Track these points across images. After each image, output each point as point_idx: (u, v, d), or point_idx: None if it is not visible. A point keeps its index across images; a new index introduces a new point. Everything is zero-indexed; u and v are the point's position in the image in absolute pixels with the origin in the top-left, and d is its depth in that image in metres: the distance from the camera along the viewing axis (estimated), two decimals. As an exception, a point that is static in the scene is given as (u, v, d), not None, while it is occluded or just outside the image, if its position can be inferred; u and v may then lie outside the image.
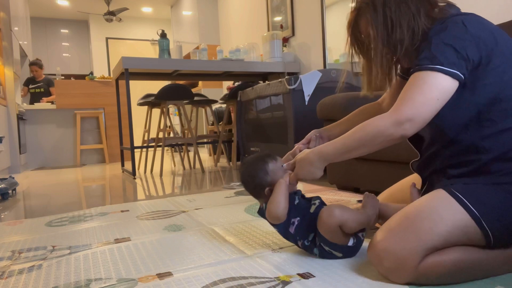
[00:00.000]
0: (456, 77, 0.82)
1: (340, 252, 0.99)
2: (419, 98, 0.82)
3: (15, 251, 1.28)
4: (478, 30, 0.83)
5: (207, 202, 1.93)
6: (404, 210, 0.86)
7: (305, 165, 0.99)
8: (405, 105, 0.83)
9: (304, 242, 1.03)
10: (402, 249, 0.79)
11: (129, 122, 3.28)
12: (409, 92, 0.84)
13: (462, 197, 0.81)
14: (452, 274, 0.80)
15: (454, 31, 0.83)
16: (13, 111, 4.17)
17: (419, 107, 0.82)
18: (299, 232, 1.02)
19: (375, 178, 1.80)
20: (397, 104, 0.85)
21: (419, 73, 0.84)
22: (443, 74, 0.81)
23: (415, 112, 0.82)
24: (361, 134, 0.88)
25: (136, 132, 7.17)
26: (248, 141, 3.35)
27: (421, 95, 0.82)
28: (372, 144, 0.87)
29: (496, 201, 0.80)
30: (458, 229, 0.79)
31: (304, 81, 2.56)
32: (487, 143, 0.84)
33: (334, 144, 0.94)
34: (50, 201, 2.32)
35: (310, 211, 1.02)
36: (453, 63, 0.81)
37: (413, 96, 0.83)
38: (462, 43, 0.82)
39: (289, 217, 1.02)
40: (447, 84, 0.82)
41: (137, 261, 1.10)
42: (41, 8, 7.37)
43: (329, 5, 3.21)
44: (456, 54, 0.81)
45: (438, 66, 0.82)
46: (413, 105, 0.82)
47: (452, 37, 0.83)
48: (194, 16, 5.88)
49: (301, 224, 1.02)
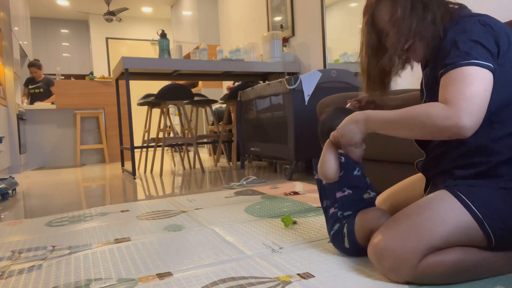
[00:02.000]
0: (491, 70, 0.80)
1: (350, 248, 0.99)
2: (468, 90, 0.77)
3: (15, 251, 1.28)
4: (496, 28, 0.83)
5: (207, 202, 1.93)
6: (405, 210, 0.86)
7: (348, 122, 0.92)
8: (457, 98, 0.76)
9: (338, 212, 1.02)
10: (402, 248, 0.79)
11: (129, 122, 3.28)
12: (453, 87, 0.78)
13: (466, 199, 0.81)
14: (452, 274, 0.80)
15: (476, 29, 0.83)
16: (13, 111, 4.17)
17: (472, 99, 0.76)
18: (342, 202, 1.01)
19: (376, 178, 1.79)
20: (448, 99, 0.78)
21: (456, 70, 0.80)
22: (481, 67, 0.79)
23: (470, 104, 0.76)
24: (413, 116, 0.81)
25: (136, 132, 7.18)
26: (248, 141, 3.35)
27: (469, 88, 0.77)
28: (419, 132, 0.81)
29: (500, 204, 0.80)
30: (459, 230, 0.79)
31: (304, 81, 2.56)
32: (497, 145, 0.83)
33: (384, 114, 0.87)
34: (50, 201, 2.32)
35: (364, 196, 1.01)
36: (486, 57, 0.80)
37: (461, 90, 0.77)
38: (486, 39, 0.81)
39: (343, 183, 1.01)
40: (488, 76, 0.79)
41: (137, 261, 1.10)
42: (41, 8, 7.36)
43: (329, 5, 3.21)
44: (485, 49, 0.80)
45: (474, 61, 0.79)
46: (465, 98, 0.76)
47: (476, 35, 0.82)
48: (194, 16, 5.88)
49: (350, 198, 1.00)
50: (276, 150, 2.82)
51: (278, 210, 1.66)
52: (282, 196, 1.97)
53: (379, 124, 0.87)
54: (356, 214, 0.98)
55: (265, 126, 3.00)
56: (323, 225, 1.37)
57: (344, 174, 1.00)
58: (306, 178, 2.66)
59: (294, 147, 2.55)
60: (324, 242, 1.17)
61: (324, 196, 1.08)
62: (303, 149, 2.56)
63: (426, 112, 0.79)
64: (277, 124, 2.78)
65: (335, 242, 1.03)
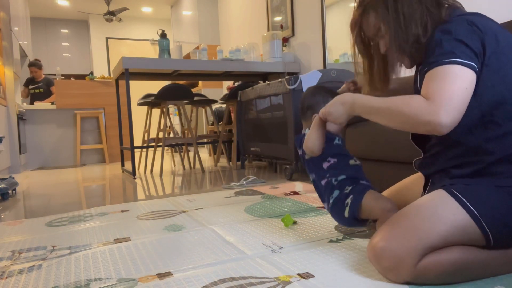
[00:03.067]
0: (474, 69, 0.80)
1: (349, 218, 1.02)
2: (449, 88, 0.78)
3: (15, 251, 1.28)
4: (483, 28, 0.83)
5: (207, 202, 1.93)
6: (404, 210, 0.86)
7: (337, 102, 0.98)
8: (437, 95, 0.78)
9: (331, 179, 1.06)
10: (401, 248, 0.79)
11: (129, 122, 3.28)
12: (435, 83, 0.80)
13: (462, 197, 0.81)
14: (451, 273, 0.80)
15: (461, 29, 0.83)
16: (13, 111, 4.17)
17: (452, 97, 0.77)
18: (331, 171, 1.07)
19: (376, 178, 1.80)
20: (429, 94, 0.79)
21: (438, 68, 0.81)
22: (463, 66, 0.79)
23: (448, 102, 0.77)
24: (395, 106, 0.84)
25: (136, 132, 7.17)
26: (248, 141, 3.35)
27: (450, 85, 0.78)
28: (397, 122, 0.84)
29: (496, 202, 0.80)
30: (457, 229, 0.79)
31: (304, 81, 2.56)
32: (491, 145, 0.84)
33: (370, 100, 0.90)
34: (50, 201, 2.32)
35: (350, 163, 1.08)
36: (469, 57, 0.80)
37: (442, 87, 0.78)
38: (471, 39, 0.81)
39: (326, 153, 1.07)
40: (470, 75, 0.80)
41: (137, 261, 1.10)
42: (41, 8, 7.36)
43: (329, 5, 3.21)
44: (468, 49, 0.81)
45: (457, 59, 0.80)
46: (445, 96, 0.77)
47: (461, 34, 0.82)
48: (194, 16, 5.88)
49: (337, 165, 1.07)
50: (276, 150, 2.82)
51: (278, 210, 1.66)
52: (282, 196, 1.97)
53: (364, 109, 0.92)
54: (350, 179, 1.04)
55: (265, 126, 2.99)
56: (323, 225, 1.37)
57: (326, 145, 1.07)
58: (306, 178, 2.66)
59: (294, 147, 2.55)
60: (324, 242, 1.17)
61: (310, 170, 1.14)
62: (303, 149, 2.56)
63: (407, 104, 0.81)
64: (277, 124, 2.78)
65: (334, 209, 1.06)
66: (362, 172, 1.10)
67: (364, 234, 1.23)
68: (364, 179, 1.08)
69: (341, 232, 1.27)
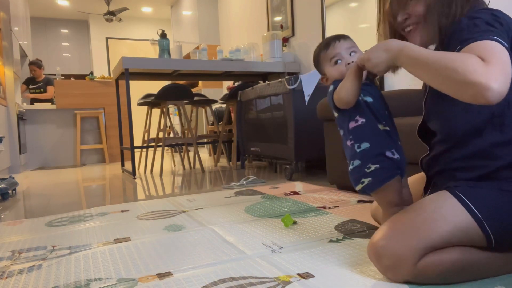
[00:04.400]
0: (509, 51, 0.74)
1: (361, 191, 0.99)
2: (503, 56, 0.70)
3: (15, 251, 1.28)
4: (506, 25, 0.80)
5: (207, 202, 1.93)
6: (406, 210, 0.86)
7: (380, 48, 0.86)
8: (494, 58, 0.69)
9: (355, 145, 0.97)
10: (401, 246, 0.79)
11: (129, 122, 3.28)
12: (486, 50, 0.71)
13: (466, 199, 0.80)
14: (451, 273, 0.80)
15: (490, 18, 0.79)
16: (13, 111, 4.17)
17: (507, 65, 0.69)
18: (356, 134, 0.97)
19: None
20: (484, 57, 0.70)
21: (478, 43, 0.73)
22: (502, 46, 0.72)
23: (506, 70, 0.68)
24: (448, 60, 0.72)
25: (136, 132, 7.17)
26: (248, 141, 3.35)
27: (501, 54, 0.70)
28: (445, 79, 0.72)
29: (500, 205, 0.80)
30: (459, 230, 0.79)
31: (304, 81, 2.56)
32: (499, 150, 0.82)
33: (420, 51, 0.79)
34: (50, 201, 2.32)
35: (379, 127, 0.96)
36: (504, 39, 0.75)
37: (495, 52, 0.70)
38: (500, 28, 0.78)
39: (354, 112, 0.96)
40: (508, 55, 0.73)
41: (137, 261, 1.10)
42: (41, 8, 7.36)
43: (329, 5, 3.21)
44: (502, 32, 0.76)
45: (496, 37, 0.73)
46: (501, 61, 0.69)
47: (490, 21, 0.78)
48: (194, 16, 5.88)
49: (364, 128, 0.96)
50: (276, 150, 2.82)
51: (278, 210, 1.66)
52: (282, 196, 1.97)
53: (411, 60, 0.79)
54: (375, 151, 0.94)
55: (265, 126, 2.99)
56: (323, 225, 1.37)
57: (358, 103, 0.95)
58: (306, 178, 2.66)
59: (294, 147, 2.55)
60: (324, 242, 1.17)
61: (339, 126, 1.05)
62: (303, 149, 2.56)
63: (461, 60, 0.70)
64: (277, 124, 2.78)
65: (351, 174, 1.00)
66: (391, 139, 0.97)
67: (364, 234, 1.23)
68: (391, 150, 0.96)
69: (341, 232, 1.27)
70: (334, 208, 1.63)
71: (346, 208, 1.63)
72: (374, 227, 1.29)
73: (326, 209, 1.63)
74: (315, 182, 2.42)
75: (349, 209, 1.60)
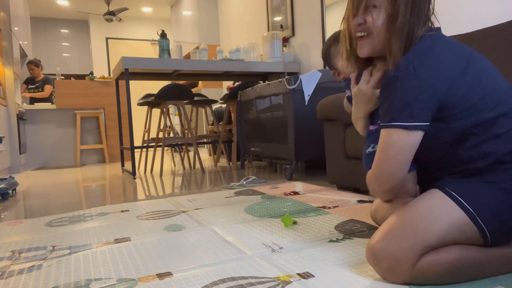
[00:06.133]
0: (410, 128, 0.83)
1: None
2: (381, 161, 0.87)
3: (15, 251, 1.28)
4: (431, 75, 0.82)
5: (207, 202, 1.93)
6: (400, 211, 0.87)
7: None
8: (375, 165, 0.90)
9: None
10: (398, 248, 0.80)
11: (129, 122, 3.28)
12: (377, 151, 0.89)
13: (457, 195, 0.82)
14: (450, 273, 0.80)
15: (408, 84, 0.82)
16: (13, 111, 4.17)
17: (382, 167, 0.87)
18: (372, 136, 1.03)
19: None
20: (371, 170, 0.92)
21: (382, 131, 0.88)
22: (402, 129, 0.83)
23: (380, 171, 0.88)
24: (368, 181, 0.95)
25: (136, 132, 7.17)
26: (248, 141, 3.35)
27: (382, 155, 0.87)
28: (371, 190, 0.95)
29: (490, 198, 0.80)
30: (454, 227, 0.80)
31: (304, 81, 2.56)
32: (471, 153, 0.84)
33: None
34: (50, 201, 2.32)
35: None
36: (406, 115, 0.82)
37: (376, 161, 0.89)
38: (422, 97, 0.81)
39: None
40: (409, 138, 0.83)
41: (137, 261, 1.10)
42: (41, 8, 7.36)
43: (329, 5, 3.21)
44: (407, 106, 0.82)
45: (400, 123, 0.83)
46: (378, 165, 0.88)
47: (407, 91, 0.82)
48: (194, 16, 5.88)
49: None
50: (276, 150, 2.82)
51: (278, 210, 1.66)
52: (282, 196, 1.97)
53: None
54: None
55: (265, 126, 3.00)
56: (323, 225, 1.37)
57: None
58: (306, 178, 2.66)
59: (294, 147, 2.55)
60: (324, 242, 1.17)
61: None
62: (303, 149, 2.56)
63: (369, 182, 0.94)
64: (277, 124, 2.78)
65: (367, 157, 1.04)
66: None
67: (364, 234, 1.23)
68: None
69: (341, 232, 1.27)
70: (334, 208, 1.63)
71: (346, 208, 1.63)
72: (374, 227, 1.29)
73: (326, 209, 1.63)
74: (315, 182, 2.42)
75: (349, 209, 1.60)
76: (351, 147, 1.93)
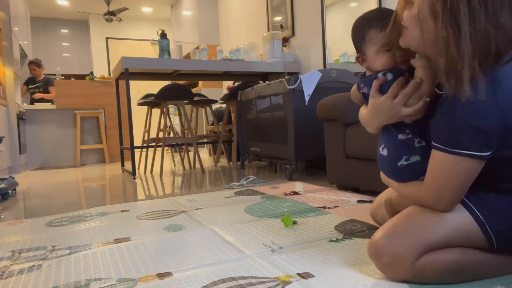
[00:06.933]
0: (483, 158, 0.75)
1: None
2: (439, 183, 0.79)
3: (15, 251, 1.28)
4: (508, 100, 0.72)
5: (207, 202, 1.93)
6: (408, 209, 0.86)
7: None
8: (432, 189, 0.81)
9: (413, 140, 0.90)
10: (400, 245, 0.79)
11: (129, 122, 3.28)
12: (430, 174, 0.81)
13: (469, 202, 0.81)
14: (450, 273, 0.80)
15: (481, 107, 0.72)
16: (13, 111, 4.17)
17: (442, 191, 0.79)
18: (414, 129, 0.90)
19: (375, 178, 1.80)
20: (424, 186, 0.83)
21: (439, 153, 0.78)
22: (469, 158, 0.75)
23: (439, 198, 0.80)
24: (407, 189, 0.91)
25: (136, 132, 7.17)
26: (248, 141, 3.35)
27: (441, 179, 0.79)
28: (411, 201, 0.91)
29: (502, 207, 0.80)
30: (460, 231, 0.79)
31: (304, 81, 2.56)
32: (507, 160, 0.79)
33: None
34: (50, 201, 2.32)
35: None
36: (480, 145, 0.74)
37: (432, 182, 0.80)
38: (488, 121, 0.72)
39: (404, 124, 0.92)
40: (473, 166, 0.76)
41: (137, 261, 1.10)
42: (41, 8, 7.36)
43: (329, 5, 3.21)
44: (483, 134, 0.73)
45: (459, 151, 0.75)
46: (435, 191, 0.80)
47: (483, 118, 0.72)
48: (194, 16, 5.88)
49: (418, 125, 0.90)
50: (276, 150, 2.82)
51: (278, 210, 1.66)
52: (282, 196, 1.97)
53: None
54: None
55: (265, 126, 3.00)
56: (323, 225, 1.37)
57: None
58: (306, 178, 2.66)
59: (294, 147, 2.55)
60: (324, 242, 1.17)
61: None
62: (303, 149, 2.56)
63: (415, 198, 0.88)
64: (277, 124, 2.78)
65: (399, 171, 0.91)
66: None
67: (364, 234, 1.23)
68: None
69: (341, 232, 1.27)
70: (334, 208, 1.63)
71: (346, 208, 1.63)
72: (374, 227, 1.29)
73: (326, 209, 1.63)
74: (315, 182, 2.42)
75: (349, 209, 1.60)
76: (351, 147, 1.93)
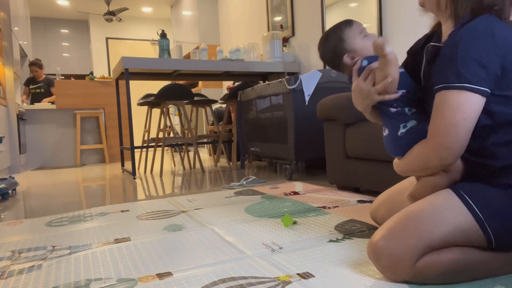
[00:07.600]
0: (485, 94, 0.78)
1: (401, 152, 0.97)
2: (445, 122, 0.79)
3: (15, 251, 1.28)
4: (507, 41, 0.78)
5: (207, 202, 1.93)
6: (406, 209, 0.86)
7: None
8: (434, 134, 0.81)
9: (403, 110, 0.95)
10: (399, 246, 0.79)
11: (129, 122, 3.28)
12: (435, 120, 0.81)
13: (468, 199, 0.80)
14: (450, 273, 0.80)
15: (482, 43, 0.77)
16: (13, 111, 4.17)
17: (449, 131, 0.78)
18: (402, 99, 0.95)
19: (375, 178, 1.80)
20: (429, 133, 0.83)
21: (443, 94, 0.80)
22: (471, 92, 0.77)
23: (446, 139, 0.79)
24: (410, 163, 0.91)
25: (136, 132, 7.17)
26: (248, 141, 3.35)
27: (447, 119, 0.79)
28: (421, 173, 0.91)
29: (502, 205, 0.79)
30: (459, 230, 0.79)
31: (304, 81, 2.56)
32: (500, 150, 0.81)
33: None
34: (50, 201, 2.32)
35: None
36: (482, 80, 0.77)
37: (438, 123, 0.80)
38: (489, 57, 0.77)
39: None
40: (474, 102, 0.77)
41: (137, 261, 1.10)
42: (41, 8, 7.36)
43: (329, 5, 3.21)
44: (484, 69, 0.77)
45: (465, 85, 0.77)
46: (441, 132, 0.79)
47: (479, 51, 0.77)
48: (194, 16, 5.88)
49: (405, 98, 0.94)
50: (276, 150, 2.82)
51: (278, 210, 1.66)
52: (282, 196, 1.97)
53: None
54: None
55: (265, 126, 3.00)
56: (323, 225, 1.37)
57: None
58: (306, 178, 2.66)
59: (294, 147, 2.55)
60: (324, 242, 1.17)
61: None
62: (303, 149, 2.56)
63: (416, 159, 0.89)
64: (277, 124, 2.78)
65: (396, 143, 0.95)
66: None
67: (364, 234, 1.23)
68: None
69: (341, 232, 1.27)
70: (334, 208, 1.63)
71: (346, 208, 1.63)
72: (374, 227, 1.29)
73: (326, 209, 1.63)
74: (315, 182, 2.42)
75: (349, 209, 1.60)
76: (351, 147, 1.93)
